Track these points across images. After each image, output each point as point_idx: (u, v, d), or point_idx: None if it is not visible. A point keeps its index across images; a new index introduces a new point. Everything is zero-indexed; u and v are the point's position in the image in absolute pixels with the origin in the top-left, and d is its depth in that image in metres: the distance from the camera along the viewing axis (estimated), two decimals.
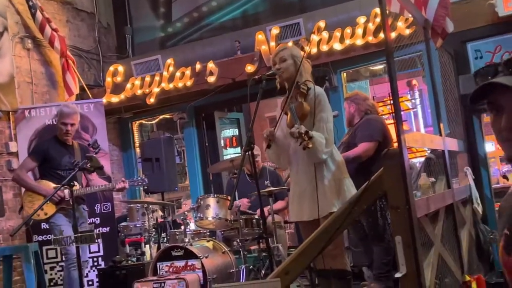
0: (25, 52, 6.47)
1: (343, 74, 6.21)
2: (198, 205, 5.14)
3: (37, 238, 5.88)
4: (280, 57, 3.46)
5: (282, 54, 3.46)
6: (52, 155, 4.96)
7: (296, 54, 3.48)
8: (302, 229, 3.61)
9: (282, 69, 3.44)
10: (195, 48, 7.01)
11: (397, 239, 2.48)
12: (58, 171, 4.96)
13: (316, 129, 3.28)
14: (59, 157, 4.95)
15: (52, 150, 4.98)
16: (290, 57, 3.45)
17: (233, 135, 8.69)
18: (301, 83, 3.37)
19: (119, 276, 5.59)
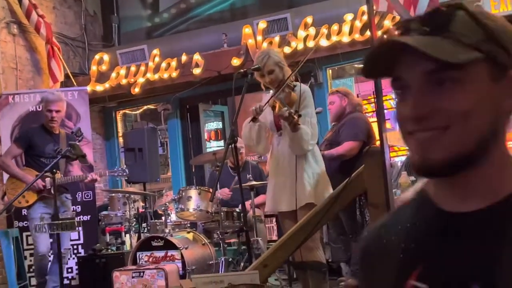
0: (11, 38, 6.41)
1: (329, 70, 6.26)
2: (180, 196, 5.17)
3: (17, 224, 5.85)
4: (268, 70, 3.55)
5: (268, 66, 3.54)
6: (36, 142, 4.95)
7: (278, 60, 3.59)
8: (281, 220, 3.70)
9: (273, 80, 3.55)
10: (181, 39, 7.01)
11: None
12: (42, 159, 4.95)
13: (301, 123, 3.37)
14: (42, 145, 4.95)
15: (36, 137, 4.97)
16: (275, 66, 3.56)
17: (217, 128, 8.71)
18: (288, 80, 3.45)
19: (99, 264, 5.60)
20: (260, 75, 3.60)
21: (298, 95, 3.42)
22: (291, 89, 3.39)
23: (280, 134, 3.57)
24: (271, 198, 3.62)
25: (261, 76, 3.60)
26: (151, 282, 4.66)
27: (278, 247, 2.74)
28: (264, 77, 3.58)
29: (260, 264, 2.69)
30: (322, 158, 3.64)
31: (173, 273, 4.75)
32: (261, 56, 3.64)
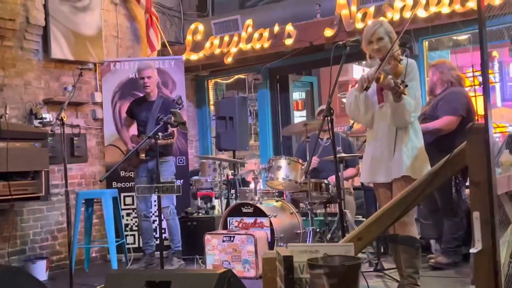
0: (113, 7, 6.69)
1: (425, 42, 6.03)
2: (270, 165, 5.27)
3: (116, 185, 6.22)
4: (377, 37, 3.51)
5: (378, 33, 3.51)
6: (133, 111, 5.56)
7: (389, 29, 3.56)
8: (376, 191, 3.70)
9: (380, 48, 3.51)
10: (274, 9, 6.99)
11: (475, 214, 2.47)
12: (139, 127, 5.51)
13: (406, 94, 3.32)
14: (138, 113, 5.50)
15: (134, 108, 5.57)
16: (385, 35, 3.52)
17: (300, 98, 8.72)
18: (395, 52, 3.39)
19: (190, 227, 5.89)
20: (368, 42, 3.55)
21: (404, 67, 3.35)
22: (397, 62, 3.33)
23: (381, 106, 3.53)
24: (368, 169, 3.63)
25: (368, 43, 3.55)
26: (241, 247, 4.83)
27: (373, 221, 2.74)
28: (372, 44, 3.53)
29: (355, 237, 2.71)
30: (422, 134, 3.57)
31: (262, 240, 4.89)
32: (373, 23, 3.63)
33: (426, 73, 5.93)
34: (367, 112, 3.59)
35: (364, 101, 3.56)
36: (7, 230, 5.24)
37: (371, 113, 3.60)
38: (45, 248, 5.67)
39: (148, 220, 5.52)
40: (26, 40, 5.58)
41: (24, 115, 5.52)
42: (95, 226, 6.03)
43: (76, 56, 6.02)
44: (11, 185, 4.72)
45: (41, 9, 5.64)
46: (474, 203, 2.50)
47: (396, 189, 3.41)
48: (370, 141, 3.70)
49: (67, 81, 5.99)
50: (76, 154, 6.03)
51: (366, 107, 3.57)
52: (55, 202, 5.75)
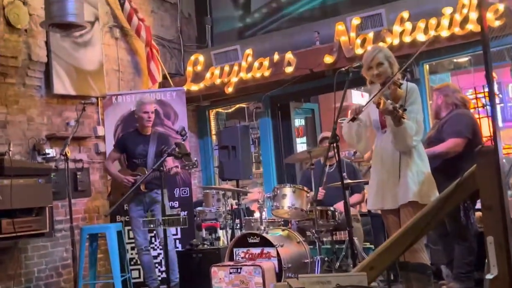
0: (114, 41, 6.76)
1: (426, 66, 6.07)
2: (275, 194, 5.22)
3: (120, 219, 6.17)
4: (377, 63, 3.54)
5: (377, 59, 3.54)
6: (128, 145, 5.45)
7: (389, 54, 3.59)
8: (384, 217, 3.67)
9: (380, 73, 3.54)
10: (273, 38, 7.07)
11: (488, 239, 2.43)
12: (134, 160, 5.42)
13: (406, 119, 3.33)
14: (133, 147, 5.41)
15: (128, 141, 5.47)
16: (385, 60, 3.55)
17: (300, 125, 8.74)
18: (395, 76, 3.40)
19: (196, 259, 5.81)
20: (368, 67, 3.57)
21: (404, 92, 3.36)
22: (397, 86, 3.34)
23: (385, 131, 3.53)
24: (374, 195, 3.60)
25: (368, 69, 3.57)
26: (248, 279, 4.75)
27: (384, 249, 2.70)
28: (372, 70, 3.55)
29: (366, 266, 2.66)
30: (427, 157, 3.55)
31: (269, 271, 4.81)
32: (372, 49, 3.66)
33: (428, 96, 5.95)
34: (360, 141, 3.64)
35: (356, 130, 3.60)
36: (11, 267, 5.18)
37: (365, 142, 3.64)
38: (50, 285, 5.60)
39: (148, 253, 5.43)
40: (29, 77, 5.62)
41: (27, 151, 5.51)
42: (99, 261, 5.96)
43: (78, 91, 6.05)
44: (15, 222, 4.69)
45: (43, 46, 5.69)
46: (488, 228, 2.46)
47: (404, 216, 3.38)
48: (375, 167, 3.68)
49: (69, 116, 6.01)
50: (80, 189, 6.01)
51: (358, 136, 3.62)
52: (59, 238, 5.71)
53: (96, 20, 6.39)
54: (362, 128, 3.62)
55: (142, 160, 5.37)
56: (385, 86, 3.37)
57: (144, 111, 5.39)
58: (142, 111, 5.41)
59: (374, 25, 6.04)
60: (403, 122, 3.28)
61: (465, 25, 5.40)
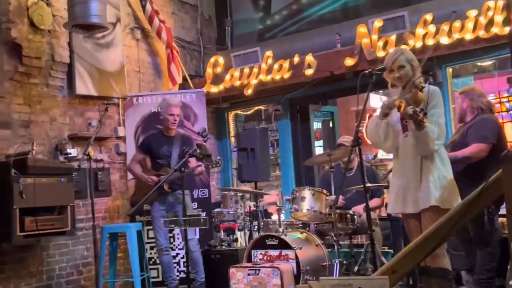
0: (135, 43, 6.81)
1: (449, 69, 6.01)
2: (294, 196, 5.22)
3: (139, 219, 6.21)
4: (398, 65, 3.52)
5: (399, 61, 3.52)
6: (153, 147, 5.52)
7: (410, 57, 3.55)
8: (405, 221, 3.65)
9: (402, 76, 3.51)
10: (294, 40, 7.06)
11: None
12: (158, 160, 5.48)
13: (428, 123, 3.31)
14: (158, 148, 5.48)
15: (152, 143, 5.54)
16: (407, 63, 3.52)
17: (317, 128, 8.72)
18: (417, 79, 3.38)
19: (214, 260, 5.84)
20: (389, 71, 3.55)
21: (426, 95, 3.34)
22: (418, 89, 3.32)
23: (406, 135, 3.51)
24: (395, 199, 3.58)
25: (389, 72, 3.56)
26: (266, 280, 4.75)
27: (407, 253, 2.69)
28: (393, 72, 3.53)
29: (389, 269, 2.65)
30: (449, 160, 3.52)
31: (288, 273, 4.81)
32: (394, 52, 3.62)
33: (450, 100, 5.90)
34: (387, 140, 3.59)
35: (384, 129, 3.56)
36: (33, 265, 5.25)
37: (391, 141, 3.58)
38: (71, 283, 5.66)
39: (168, 253, 5.47)
40: (52, 77, 5.68)
41: (49, 150, 5.58)
42: (119, 260, 6.01)
43: (100, 91, 6.11)
44: (38, 220, 4.77)
45: (66, 47, 5.75)
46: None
47: (425, 220, 3.36)
48: (396, 171, 3.66)
49: (91, 116, 6.07)
50: (100, 188, 6.06)
51: (385, 135, 3.58)
52: (80, 237, 5.77)
53: (118, 22, 6.44)
54: (390, 127, 3.57)
55: (166, 160, 5.42)
56: (405, 89, 3.34)
57: (170, 113, 5.46)
58: (168, 113, 5.47)
59: (396, 28, 5.99)
60: (425, 126, 3.26)
61: (490, 28, 5.34)
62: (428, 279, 3.41)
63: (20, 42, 5.26)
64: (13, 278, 5.09)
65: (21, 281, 5.16)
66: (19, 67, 5.33)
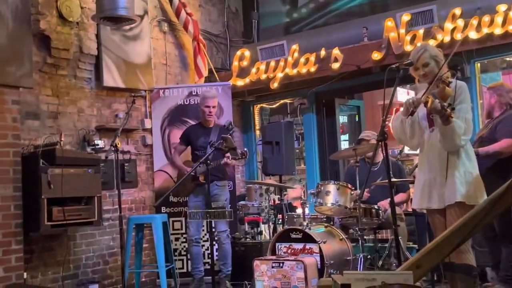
0: (162, 35, 6.86)
1: (477, 64, 5.90)
2: (318, 190, 5.22)
3: (165, 210, 6.28)
4: (423, 63, 3.50)
5: (423, 59, 3.49)
6: (192, 138, 5.62)
7: (434, 54, 3.52)
8: (430, 216, 3.63)
9: (427, 73, 3.50)
10: (320, 34, 7.01)
11: None
12: (196, 152, 5.58)
13: (455, 118, 3.28)
14: (196, 139, 5.56)
15: (191, 134, 5.64)
16: (431, 59, 3.50)
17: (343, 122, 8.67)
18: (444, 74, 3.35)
19: (238, 252, 5.87)
20: (414, 68, 3.53)
21: (453, 90, 3.30)
22: (445, 85, 3.28)
23: (432, 130, 3.48)
24: (420, 195, 3.56)
25: (415, 69, 3.54)
26: (290, 274, 4.77)
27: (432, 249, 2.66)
28: (418, 70, 3.52)
29: (413, 264, 2.63)
30: (476, 157, 3.48)
31: (311, 266, 4.82)
32: (417, 49, 3.58)
33: (478, 95, 5.80)
34: (413, 137, 3.56)
35: (410, 126, 3.53)
36: (61, 254, 5.35)
37: (418, 138, 3.55)
38: (97, 272, 5.76)
39: (198, 245, 5.54)
40: (79, 69, 5.77)
41: (77, 141, 5.67)
42: (144, 251, 6.08)
43: (127, 84, 6.17)
44: (66, 210, 4.86)
45: (93, 39, 5.82)
46: None
47: (450, 216, 3.34)
48: (421, 166, 3.64)
49: (118, 108, 6.15)
50: (127, 180, 6.14)
51: (412, 132, 3.55)
52: (106, 227, 5.85)
53: (145, 14, 6.49)
54: (416, 123, 3.54)
55: (203, 152, 5.44)
56: (432, 85, 3.31)
57: (205, 105, 5.54)
58: (204, 105, 5.56)
59: (424, 22, 5.91)
60: (452, 121, 3.22)
61: None
62: (452, 275, 3.39)
63: (49, 34, 5.35)
64: (40, 267, 5.21)
65: (49, 270, 5.27)
66: (47, 58, 5.43)
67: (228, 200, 5.68)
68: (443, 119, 3.23)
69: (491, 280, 4.70)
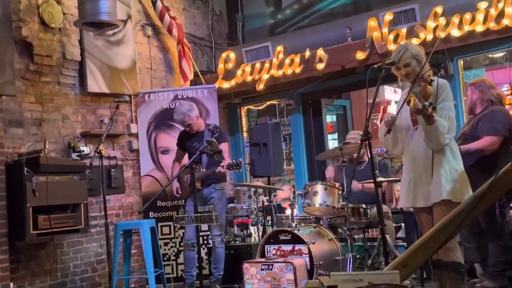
0: (146, 39, 6.83)
1: (460, 61, 5.95)
2: (306, 191, 5.22)
3: (153, 215, 6.24)
4: (405, 63, 3.51)
5: (405, 59, 3.50)
6: (185, 143, 5.58)
7: (416, 53, 3.52)
8: (417, 215, 3.64)
9: (409, 73, 3.50)
10: (304, 35, 7.02)
11: None
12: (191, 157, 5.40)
13: (438, 116, 3.29)
14: (189, 144, 5.47)
15: (184, 139, 5.61)
16: (412, 59, 3.50)
17: (331, 121, 8.69)
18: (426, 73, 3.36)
19: (228, 255, 5.84)
20: (396, 68, 3.54)
21: (435, 89, 3.31)
22: (427, 83, 3.29)
23: (416, 129, 3.49)
24: (406, 194, 3.57)
25: (397, 69, 3.55)
26: (280, 275, 4.76)
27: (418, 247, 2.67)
28: (400, 70, 3.53)
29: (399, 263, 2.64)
30: (460, 154, 3.49)
31: (301, 267, 4.81)
32: (399, 49, 3.59)
33: (462, 92, 5.84)
34: (396, 146, 3.61)
35: (392, 137, 3.56)
36: (48, 263, 5.30)
37: (401, 145, 3.59)
38: (86, 280, 5.71)
39: (194, 249, 5.48)
40: (63, 75, 5.72)
41: (62, 148, 5.62)
42: (133, 257, 6.05)
43: (112, 89, 6.14)
44: (52, 218, 4.81)
45: (76, 45, 5.78)
46: None
47: (437, 214, 3.34)
48: (406, 164, 3.64)
49: (103, 113, 6.11)
50: (114, 186, 6.10)
51: (394, 141, 3.59)
52: (94, 234, 5.81)
53: (129, 19, 6.46)
54: (398, 133, 3.57)
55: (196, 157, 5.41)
56: (414, 84, 3.33)
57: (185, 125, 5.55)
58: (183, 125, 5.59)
59: (407, 21, 5.95)
60: (435, 120, 3.24)
61: (500, 19, 5.27)
62: (440, 272, 3.39)
63: (31, 40, 5.31)
64: (27, 276, 5.15)
65: (36, 279, 5.21)
66: (30, 65, 5.38)
67: (224, 203, 5.67)
68: (425, 118, 3.24)
69: (480, 276, 4.72)
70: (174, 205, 5.88)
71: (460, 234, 4.90)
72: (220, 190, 5.55)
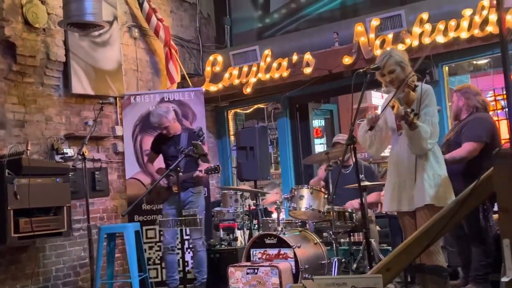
0: (132, 41, 6.79)
1: (445, 67, 6.00)
2: (292, 195, 5.20)
3: (138, 218, 6.19)
4: (389, 70, 3.52)
5: (389, 66, 3.52)
6: (162, 147, 5.55)
7: (399, 59, 3.54)
8: (401, 219, 3.66)
9: (393, 79, 3.53)
10: (292, 39, 7.03)
11: (505, 242, 2.38)
12: (168, 161, 5.49)
13: (421, 122, 3.33)
14: (166, 148, 5.49)
15: (161, 143, 5.57)
16: (396, 66, 3.52)
17: (319, 125, 8.70)
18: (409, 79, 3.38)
19: (213, 259, 5.82)
20: (381, 74, 3.56)
21: (419, 94, 3.33)
22: (411, 89, 3.31)
23: (400, 133, 3.52)
24: (390, 198, 3.60)
25: (381, 75, 3.57)
26: (265, 279, 4.74)
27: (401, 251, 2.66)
28: (385, 77, 3.55)
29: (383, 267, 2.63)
30: (443, 160, 3.51)
31: (286, 271, 4.79)
32: (382, 56, 3.60)
33: (447, 98, 5.88)
34: (372, 146, 3.65)
35: (370, 137, 3.61)
36: (29, 266, 5.22)
37: (376, 146, 3.64)
38: (68, 284, 5.64)
39: (173, 253, 5.45)
40: (47, 76, 5.66)
41: (45, 150, 5.56)
42: (117, 261, 5.99)
43: (97, 90, 6.08)
44: (33, 221, 4.72)
45: (61, 45, 5.73)
46: (504, 230, 2.42)
47: (420, 218, 3.38)
48: (391, 169, 3.68)
49: (88, 115, 6.05)
50: (98, 188, 6.04)
51: (370, 141, 3.63)
52: (77, 237, 5.75)
53: (115, 20, 6.42)
54: (377, 132, 3.62)
55: (175, 161, 5.35)
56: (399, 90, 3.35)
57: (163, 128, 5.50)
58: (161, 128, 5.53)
59: (393, 26, 5.99)
60: (417, 126, 3.27)
61: (484, 27, 5.35)
62: (423, 276, 3.40)
63: (14, 40, 5.24)
64: (8, 280, 5.07)
65: (17, 283, 5.14)
66: (13, 66, 5.31)
67: (203, 207, 5.61)
68: (408, 124, 3.28)
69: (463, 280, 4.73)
70: (159, 209, 5.83)
71: (444, 238, 4.93)
72: (197, 194, 5.53)
